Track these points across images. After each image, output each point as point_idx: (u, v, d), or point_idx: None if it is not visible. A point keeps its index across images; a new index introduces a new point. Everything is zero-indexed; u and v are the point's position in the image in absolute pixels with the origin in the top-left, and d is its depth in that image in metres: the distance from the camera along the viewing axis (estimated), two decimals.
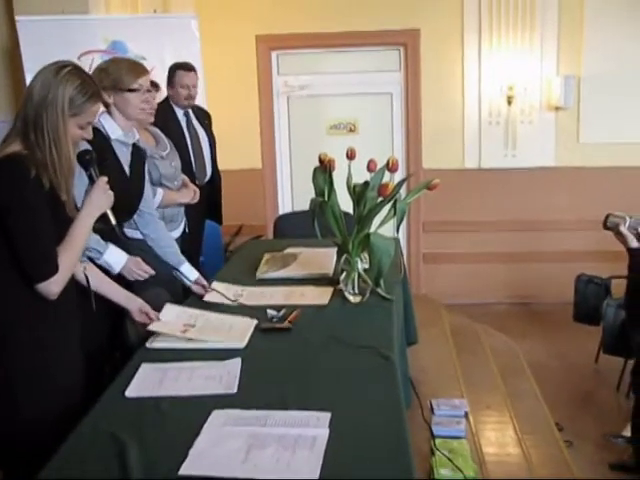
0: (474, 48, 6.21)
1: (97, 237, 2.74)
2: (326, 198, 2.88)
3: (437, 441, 3.26)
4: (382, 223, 2.89)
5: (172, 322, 2.69)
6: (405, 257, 6.07)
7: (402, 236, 6.33)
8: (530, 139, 6.28)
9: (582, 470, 3.67)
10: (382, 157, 2.96)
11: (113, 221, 2.50)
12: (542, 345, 5.49)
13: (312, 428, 1.90)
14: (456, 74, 6.28)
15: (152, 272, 2.92)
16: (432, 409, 3.56)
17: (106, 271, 2.78)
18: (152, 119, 3.56)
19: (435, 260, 6.48)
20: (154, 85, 3.99)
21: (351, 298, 2.94)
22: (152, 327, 2.63)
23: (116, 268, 2.82)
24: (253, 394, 2.13)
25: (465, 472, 3.01)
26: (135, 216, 3.10)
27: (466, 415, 3.58)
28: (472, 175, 6.34)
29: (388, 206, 2.87)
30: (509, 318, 6.10)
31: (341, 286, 2.97)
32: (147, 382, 2.25)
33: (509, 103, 6.19)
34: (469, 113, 6.31)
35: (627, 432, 3.68)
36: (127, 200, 2.93)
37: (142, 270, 2.88)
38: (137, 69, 2.99)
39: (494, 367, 4.52)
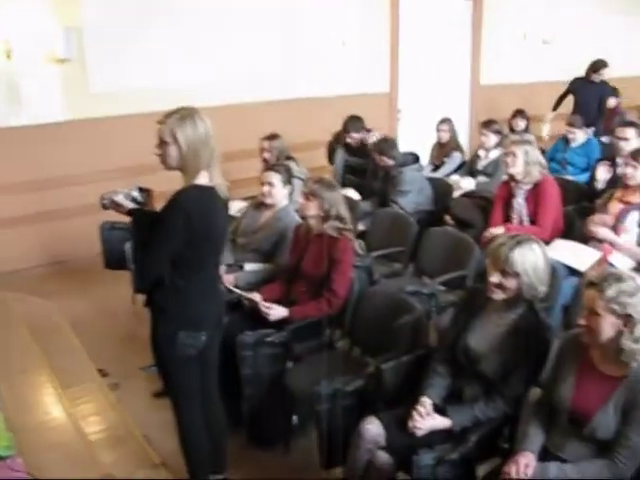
0: None
1: None
2: None
3: None
4: None
5: None
6: None
7: None
8: (36, 94, 6.06)
9: (131, 406, 3.83)
10: None
11: None
12: (82, 299, 5.51)
13: None
14: None
15: None
16: None
17: None
18: None
19: None
20: None
21: None
22: None
23: None
24: None
25: None
26: None
27: None
28: None
29: None
30: (46, 280, 5.97)
31: None
32: None
33: (8, 57, 5.85)
34: None
35: None
36: None
37: None
38: None
39: (27, 332, 4.39)
